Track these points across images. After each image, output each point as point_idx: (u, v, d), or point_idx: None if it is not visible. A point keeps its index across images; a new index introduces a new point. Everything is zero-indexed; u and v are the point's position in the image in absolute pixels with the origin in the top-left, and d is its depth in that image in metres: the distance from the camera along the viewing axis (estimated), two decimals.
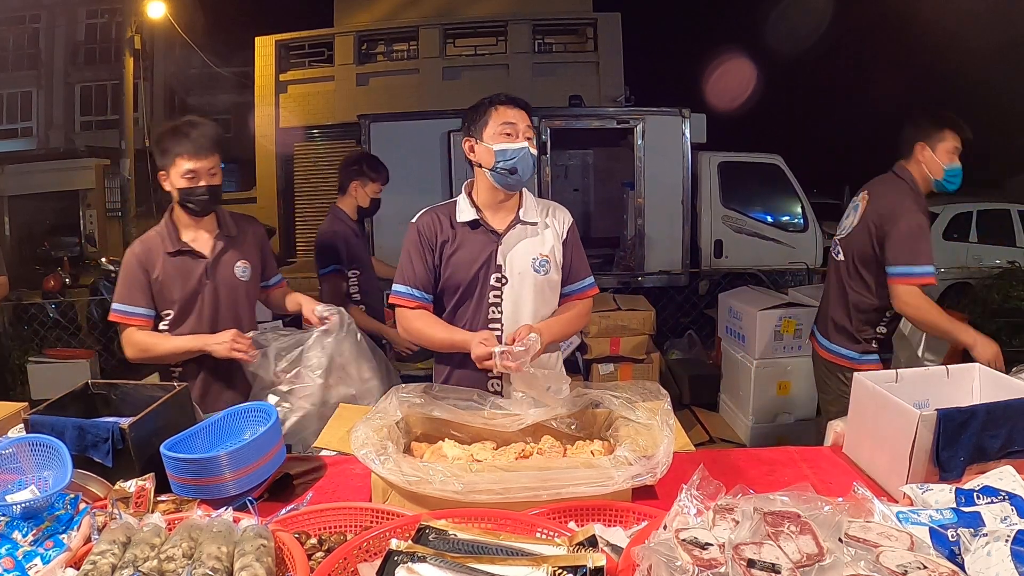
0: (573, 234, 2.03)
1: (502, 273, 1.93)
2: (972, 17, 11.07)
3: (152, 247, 2.13)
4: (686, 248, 6.98)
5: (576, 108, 7.86)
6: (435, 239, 1.94)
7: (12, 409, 1.92)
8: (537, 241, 1.96)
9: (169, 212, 2.19)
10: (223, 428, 1.70)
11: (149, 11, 12.26)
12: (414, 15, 14.63)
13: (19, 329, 5.93)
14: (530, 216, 1.96)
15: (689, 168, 6.88)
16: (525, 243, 1.95)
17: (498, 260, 1.92)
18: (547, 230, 1.98)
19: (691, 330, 5.83)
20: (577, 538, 1.10)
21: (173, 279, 2.12)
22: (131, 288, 2.11)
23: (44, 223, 15.55)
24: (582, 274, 2.04)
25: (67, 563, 1.18)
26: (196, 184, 2.07)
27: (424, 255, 1.95)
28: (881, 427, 1.58)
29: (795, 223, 7.44)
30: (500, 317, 1.93)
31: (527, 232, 1.95)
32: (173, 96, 19.87)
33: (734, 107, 13.14)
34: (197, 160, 2.05)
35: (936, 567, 0.97)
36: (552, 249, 1.96)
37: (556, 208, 2.05)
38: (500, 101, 1.91)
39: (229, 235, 2.22)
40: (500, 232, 1.94)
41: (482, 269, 1.92)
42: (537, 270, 1.93)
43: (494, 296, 1.93)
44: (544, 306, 1.97)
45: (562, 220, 2.02)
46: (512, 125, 1.88)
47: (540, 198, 2.07)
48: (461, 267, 1.93)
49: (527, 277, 1.93)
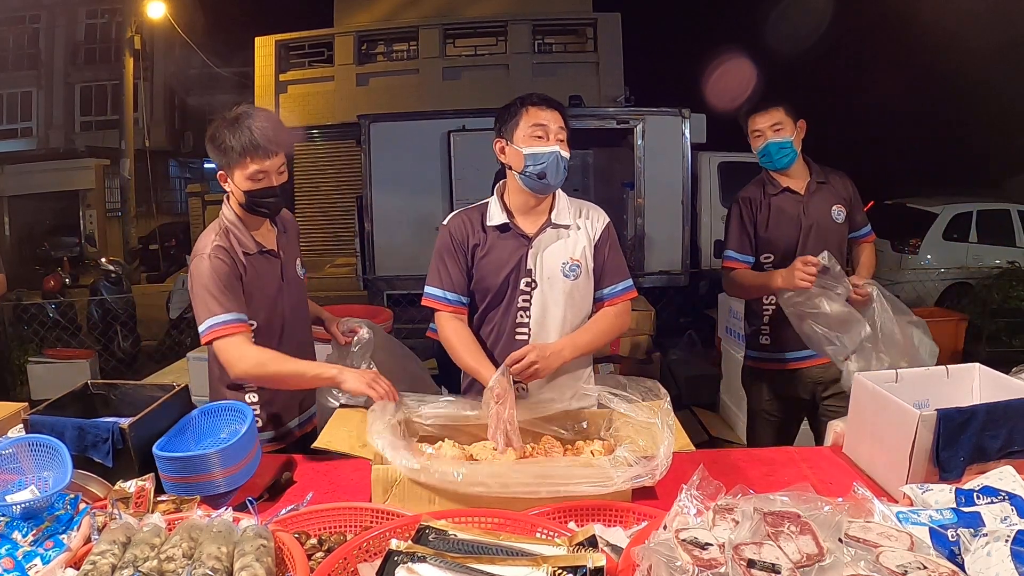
0: (608, 235, 1.95)
1: (532, 278, 1.87)
2: (972, 17, 11.06)
3: (232, 247, 1.84)
4: (686, 248, 6.98)
5: (576, 108, 7.85)
6: (466, 242, 1.90)
7: (12, 409, 1.92)
8: (568, 245, 1.89)
9: (231, 211, 1.89)
10: (201, 427, 1.72)
11: (149, 11, 12.28)
12: (414, 15, 14.63)
13: (19, 329, 5.94)
14: (562, 219, 1.90)
15: (689, 168, 6.88)
16: (556, 247, 1.89)
17: (528, 264, 1.87)
18: (579, 232, 1.91)
19: (691, 330, 5.83)
20: (577, 538, 1.11)
21: (258, 283, 1.88)
22: (226, 293, 1.77)
23: (44, 223, 15.56)
24: (617, 277, 1.94)
25: (67, 563, 1.18)
26: (267, 185, 1.81)
27: (456, 258, 1.90)
28: (881, 427, 1.58)
29: None
30: (528, 322, 1.89)
31: (558, 235, 1.90)
32: (173, 96, 19.89)
33: (734, 107, 13.13)
34: (267, 160, 1.79)
35: (936, 567, 0.97)
36: (583, 253, 1.90)
37: (591, 209, 1.97)
38: (532, 102, 1.84)
39: (285, 231, 2.03)
40: (531, 236, 1.88)
41: (512, 274, 1.87)
42: (567, 275, 1.87)
43: (523, 301, 1.89)
44: (573, 311, 1.91)
45: (596, 221, 1.94)
46: (543, 127, 1.81)
47: (575, 198, 2.01)
48: (491, 272, 1.88)
49: (556, 282, 1.88)
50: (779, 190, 2.53)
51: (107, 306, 6.39)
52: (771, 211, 2.52)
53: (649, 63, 15.01)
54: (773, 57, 14.34)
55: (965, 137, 11.27)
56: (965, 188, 8.94)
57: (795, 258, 2.29)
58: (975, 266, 6.97)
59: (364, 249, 6.86)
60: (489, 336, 1.94)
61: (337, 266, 11.04)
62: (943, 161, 3.54)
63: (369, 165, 6.74)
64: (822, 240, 2.45)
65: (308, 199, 14.01)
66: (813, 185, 2.53)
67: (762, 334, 2.61)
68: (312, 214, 13.97)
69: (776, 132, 2.46)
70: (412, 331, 4.67)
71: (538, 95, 1.86)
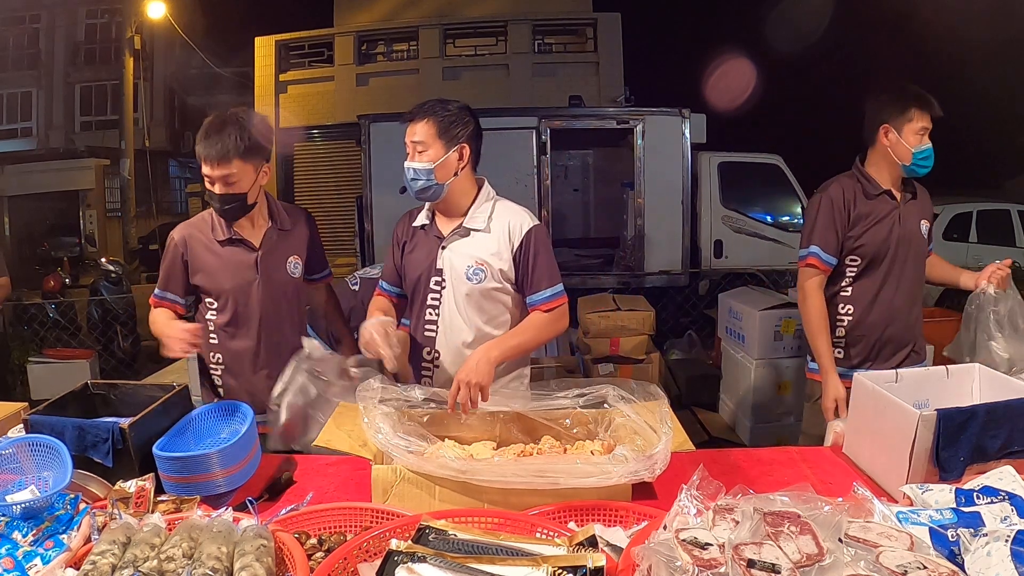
0: (530, 241, 1.91)
1: (442, 277, 1.94)
2: (972, 17, 11.07)
3: (195, 234, 2.04)
4: (686, 248, 6.97)
5: (576, 108, 7.85)
6: (400, 240, 2.05)
7: (12, 409, 1.92)
8: (475, 248, 1.92)
9: None
10: (201, 427, 1.73)
11: (149, 11, 12.28)
12: (414, 15, 14.63)
13: (19, 329, 5.93)
14: (476, 223, 1.93)
15: (689, 168, 6.88)
16: (463, 249, 1.93)
17: (439, 264, 1.94)
18: (490, 236, 1.92)
19: (691, 330, 5.83)
20: (577, 538, 1.11)
21: (221, 269, 2.03)
22: (165, 274, 2.06)
23: (44, 223, 15.55)
24: (543, 283, 1.91)
25: (67, 563, 1.18)
26: (211, 190, 1.95)
27: (392, 253, 2.07)
28: (881, 427, 1.58)
29: (795, 223, 7.43)
30: (436, 319, 1.96)
31: (468, 238, 1.94)
32: (173, 96, 19.88)
33: (734, 107, 13.13)
34: (210, 166, 1.90)
35: (936, 567, 0.97)
36: (493, 257, 1.90)
37: (517, 213, 1.96)
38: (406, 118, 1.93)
39: (282, 228, 2.11)
40: (444, 236, 1.96)
41: (424, 272, 1.96)
42: (470, 278, 1.91)
43: (432, 299, 1.96)
44: (479, 315, 1.93)
45: (516, 226, 1.92)
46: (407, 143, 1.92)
47: (508, 202, 2.00)
48: (410, 268, 2.00)
49: (461, 284, 1.92)
50: (878, 192, 2.30)
51: (107, 306, 6.38)
52: (867, 214, 2.29)
53: (649, 63, 15.03)
54: (773, 57, 14.35)
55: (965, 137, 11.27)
56: (965, 188, 8.93)
57: (883, 267, 2.26)
58: (975, 266, 6.94)
59: (364, 249, 6.85)
60: (413, 332, 2.04)
61: (337, 266, 10.97)
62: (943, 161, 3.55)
63: (369, 165, 6.74)
64: (911, 255, 2.32)
65: (308, 199, 13.98)
66: (908, 195, 2.35)
67: (836, 347, 2.34)
68: (312, 214, 13.98)
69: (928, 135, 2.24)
70: None
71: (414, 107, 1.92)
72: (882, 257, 2.29)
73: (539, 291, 1.92)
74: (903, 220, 2.31)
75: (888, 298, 2.30)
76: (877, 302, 2.30)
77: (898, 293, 2.31)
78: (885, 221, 2.29)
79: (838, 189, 2.32)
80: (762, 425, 4.16)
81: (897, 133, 2.22)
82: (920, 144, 2.22)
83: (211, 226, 2.05)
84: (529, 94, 13.13)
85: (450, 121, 1.88)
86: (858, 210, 2.29)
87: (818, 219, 2.31)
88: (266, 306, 2.06)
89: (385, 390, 1.64)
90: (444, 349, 1.96)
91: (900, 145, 2.23)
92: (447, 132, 1.87)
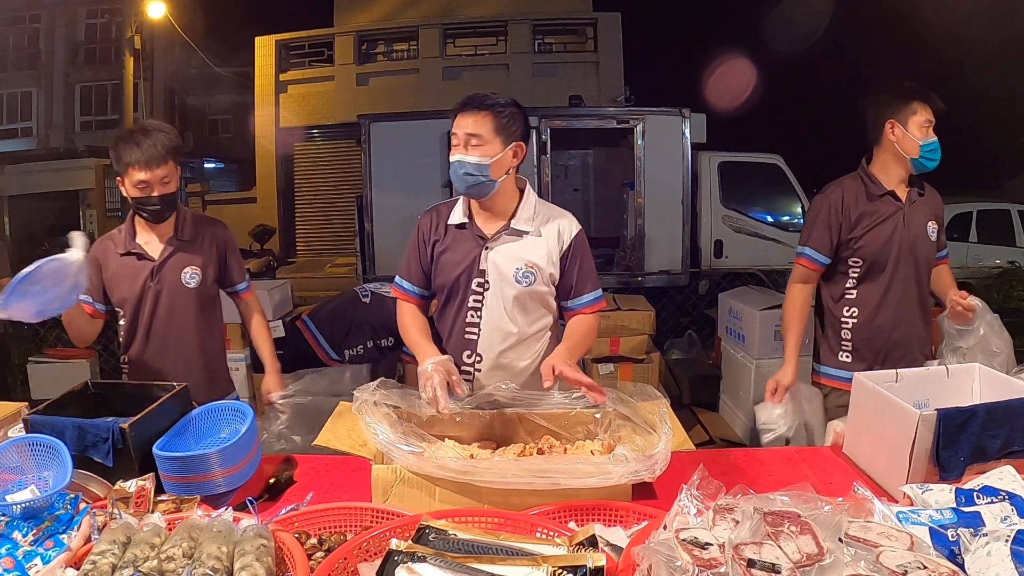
0: (577, 245, 1.92)
1: (485, 279, 1.89)
2: (972, 16, 11.06)
3: (108, 245, 2.17)
4: (686, 248, 6.97)
5: (576, 108, 7.85)
6: (429, 238, 1.95)
7: (12, 409, 1.92)
8: (525, 250, 1.89)
9: (131, 212, 2.18)
10: (201, 427, 1.72)
11: (149, 11, 12.27)
12: (414, 15, 14.64)
13: (19, 329, 5.91)
14: (522, 224, 1.90)
15: (689, 168, 6.88)
16: (511, 251, 1.89)
17: (481, 265, 1.89)
18: (540, 239, 1.90)
19: (691, 330, 5.83)
20: (577, 538, 1.10)
21: (121, 279, 2.15)
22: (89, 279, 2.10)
23: (44, 223, 15.52)
24: (587, 287, 1.93)
25: (67, 563, 1.18)
26: (148, 194, 2.04)
27: (419, 251, 1.96)
28: (881, 427, 1.58)
29: (795, 223, 7.43)
30: (479, 322, 1.91)
31: (516, 240, 1.90)
32: (173, 96, 19.86)
33: (734, 107, 13.14)
34: (148, 170, 2.00)
35: (936, 567, 0.97)
36: (543, 260, 1.89)
37: (561, 217, 1.95)
38: (458, 109, 1.84)
39: (182, 239, 2.18)
40: (487, 237, 1.90)
41: (465, 273, 1.90)
42: (519, 281, 1.88)
43: (474, 301, 1.90)
44: (524, 317, 1.92)
45: (564, 230, 1.92)
46: (455, 135, 1.83)
47: (549, 204, 2.00)
48: (446, 268, 1.92)
49: (508, 286, 1.88)
50: (882, 192, 2.29)
51: None
52: (870, 215, 2.28)
53: (649, 63, 15.03)
54: (773, 57, 14.36)
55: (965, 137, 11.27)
56: (965, 188, 8.94)
57: (887, 270, 2.24)
58: (975, 266, 6.96)
59: (364, 249, 6.85)
60: (444, 332, 1.99)
61: (337, 266, 11.03)
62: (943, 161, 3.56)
63: (369, 165, 6.74)
64: (917, 256, 2.30)
65: (308, 199, 14.03)
66: (914, 195, 2.32)
67: (843, 350, 2.36)
68: (312, 214, 13.99)
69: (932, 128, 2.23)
70: None
71: (467, 98, 1.84)
72: (885, 259, 2.28)
73: (584, 294, 1.93)
74: (908, 222, 2.29)
75: (894, 301, 2.29)
76: (883, 305, 2.29)
77: (904, 296, 2.29)
78: (888, 222, 2.28)
79: (838, 192, 2.33)
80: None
81: (903, 127, 2.23)
82: (926, 137, 2.22)
83: (114, 241, 2.16)
84: (529, 94, 13.13)
85: (509, 116, 1.82)
86: (859, 211, 2.29)
87: (816, 220, 2.34)
88: (159, 314, 2.16)
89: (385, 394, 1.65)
90: (487, 352, 1.93)
91: (907, 139, 2.23)
92: (506, 128, 1.81)
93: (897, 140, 2.25)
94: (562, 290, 1.95)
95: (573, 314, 1.96)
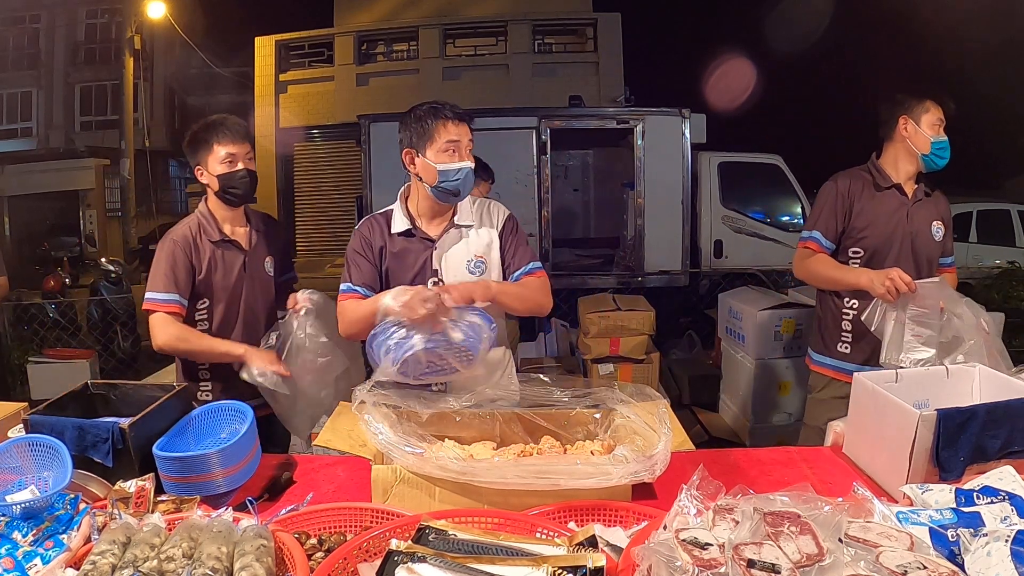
0: (510, 226, 2.03)
1: (439, 277, 1.96)
2: (972, 16, 11.07)
3: (194, 235, 2.10)
4: (686, 248, 6.98)
5: (576, 108, 7.86)
6: (373, 245, 1.99)
7: (12, 409, 1.92)
8: (471, 243, 1.98)
9: (205, 204, 2.17)
10: (201, 427, 1.72)
11: (149, 11, 12.28)
12: (414, 15, 14.64)
13: (19, 329, 5.93)
14: (464, 219, 1.99)
15: (689, 168, 6.88)
16: (459, 246, 1.98)
17: (434, 265, 1.96)
18: (481, 229, 2.00)
19: (691, 330, 5.83)
20: (577, 538, 1.10)
21: (216, 267, 2.11)
22: (170, 275, 2.03)
23: (44, 223, 15.56)
24: (525, 260, 2.02)
25: (67, 563, 1.18)
26: (235, 168, 2.08)
27: (367, 256, 1.98)
28: (881, 427, 1.58)
29: (795, 223, 7.44)
30: None
31: (461, 235, 1.98)
32: (173, 96, 19.88)
33: (734, 107, 13.16)
34: (235, 144, 2.07)
35: (936, 567, 0.97)
36: (487, 248, 1.99)
37: (491, 205, 2.07)
38: (445, 116, 1.88)
39: (259, 230, 2.23)
40: (435, 238, 1.97)
41: (419, 275, 1.96)
42: (472, 271, 1.96)
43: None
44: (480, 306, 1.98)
45: (496, 216, 2.03)
46: (456, 143, 1.88)
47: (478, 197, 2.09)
48: (399, 273, 1.97)
49: (462, 279, 1.94)
50: (889, 185, 2.35)
51: (107, 306, 6.39)
52: (874, 205, 2.33)
53: (649, 63, 15.05)
54: (773, 57, 14.37)
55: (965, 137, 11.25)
56: (965, 188, 8.95)
57: (887, 263, 2.22)
58: (975, 266, 6.96)
59: None
60: None
61: (337, 266, 10.99)
62: None
63: (369, 165, 6.74)
64: (918, 252, 2.32)
65: (308, 199, 14.03)
66: (920, 193, 2.37)
67: (842, 341, 2.40)
68: (312, 214, 13.98)
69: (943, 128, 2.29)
70: None
71: (450, 108, 1.90)
72: (886, 251, 2.31)
73: (521, 267, 2.00)
74: (912, 217, 2.33)
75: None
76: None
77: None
78: (892, 216, 2.32)
79: (846, 180, 2.39)
80: (762, 425, 4.16)
81: (916, 124, 2.29)
82: (937, 135, 2.28)
83: (205, 230, 2.12)
84: (529, 94, 13.16)
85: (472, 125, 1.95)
86: (863, 202, 2.34)
87: (823, 206, 2.39)
88: (250, 306, 2.17)
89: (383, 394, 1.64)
90: None
91: (919, 135, 2.29)
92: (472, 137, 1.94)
93: (909, 136, 2.31)
94: (504, 269, 2.02)
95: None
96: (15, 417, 1.86)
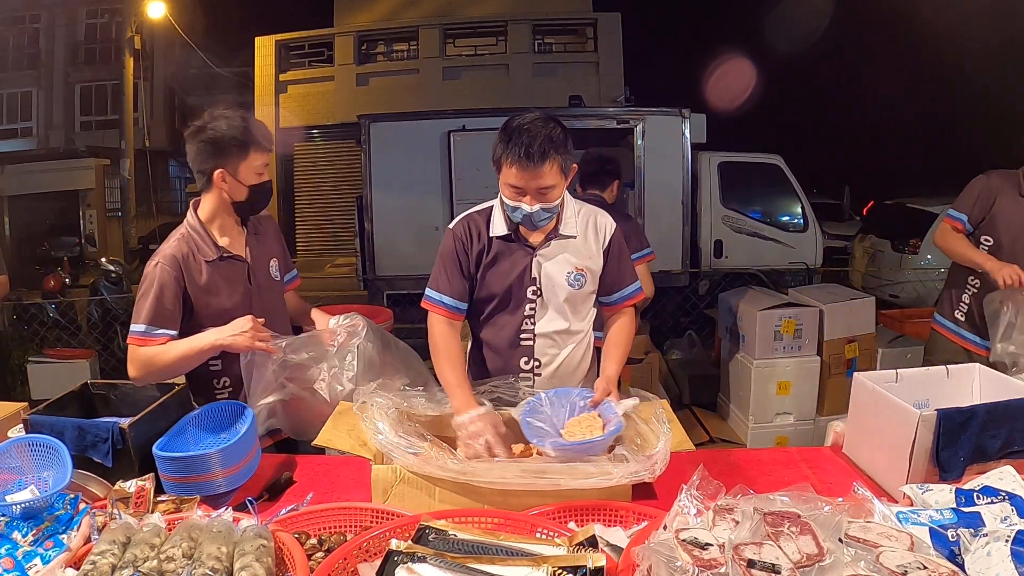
0: (615, 241, 1.94)
1: (537, 286, 1.90)
2: (972, 17, 11.07)
3: (188, 257, 1.87)
4: (686, 248, 6.98)
5: (576, 108, 7.86)
6: (471, 249, 1.90)
7: (12, 409, 1.92)
8: (574, 255, 1.90)
9: (194, 215, 1.92)
10: (201, 427, 1.72)
11: (149, 11, 12.28)
12: (414, 15, 14.65)
13: (19, 329, 5.94)
14: (568, 229, 1.90)
15: (689, 168, 6.88)
16: (561, 258, 1.90)
17: (533, 273, 1.89)
18: (585, 241, 1.91)
19: (691, 330, 5.82)
20: (577, 538, 1.10)
21: (218, 287, 1.90)
22: (159, 308, 1.80)
23: (44, 223, 15.55)
24: (628, 280, 1.97)
25: (67, 563, 1.18)
26: (264, 179, 1.92)
27: (459, 263, 1.90)
28: (881, 427, 1.58)
29: (795, 223, 7.44)
30: (532, 328, 1.93)
31: (564, 247, 1.90)
32: (173, 96, 19.88)
33: (734, 107, 13.16)
34: (267, 154, 1.91)
35: (936, 567, 0.97)
36: (590, 261, 1.92)
37: (598, 216, 1.96)
38: (509, 160, 1.74)
39: (256, 234, 2.04)
40: (535, 246, 1.89)
41: (516, 282, 1.89)
42: (572, 284, 1.89)
43: (528, 309, 1.91)
44: (576, 318, 1.95)
45: (604, 229, 1.94)
46: (518, 189, 1.76)
47: (579, 201, 1.98)
48: (496, 280, 1.90)
49: (561, 291, 1.89)
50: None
51: (107, 306, 6.39)
52: (1016, 207, 2.59)
53: (649, 63, 15.06)
54: (773, 57, 14.37)
55: (965, 137, 11.27)
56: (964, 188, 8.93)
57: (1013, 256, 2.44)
58: None
59: (364, 249, 6.85)
60: (492, 338, 1.97)
61: (337, 266, 11.03)
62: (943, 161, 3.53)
63: (369, 165, 6.74)
64: None
65: (308, 199, 14.01)
66: None
67: (958, 308, 2.75)
68: (312, 214, 13.98)
69: None
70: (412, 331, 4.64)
71: (519, 150, 1.71)
72: (1012, 248, 2.54)
73: (625, 287, 1.97)
74: None
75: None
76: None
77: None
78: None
79: (997, 179, 2.67)
80: (762, 425, 4.16)
81: None
82: None
83: (197, 248, 1.89)
84: (529, 94, 13.15)
85: (567, 150, 1.77)
86: (1006, 201, 2.61)
87: (975, 195, 2.68)
88: (260, 314, 1.90)
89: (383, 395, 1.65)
90: (544, 356, 1.94)
91: None
92: (566, 163, 1.78)
93: None
94: (603, 285, 1.96)
95: (614, 309, 1.99)
96: (15, 417, 1.86)
